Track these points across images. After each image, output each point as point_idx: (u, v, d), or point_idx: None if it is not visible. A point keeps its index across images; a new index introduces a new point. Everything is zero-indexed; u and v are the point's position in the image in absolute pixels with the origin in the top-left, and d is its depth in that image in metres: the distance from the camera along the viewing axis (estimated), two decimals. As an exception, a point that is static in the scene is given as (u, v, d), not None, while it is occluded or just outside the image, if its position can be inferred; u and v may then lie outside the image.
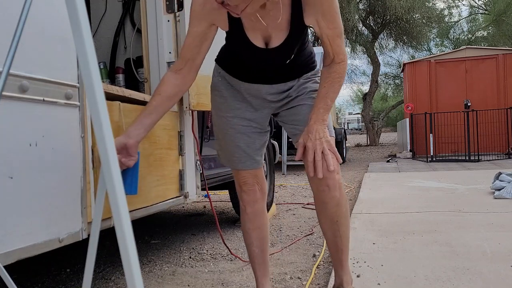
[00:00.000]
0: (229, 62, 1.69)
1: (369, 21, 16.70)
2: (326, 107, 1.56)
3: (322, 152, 1.50)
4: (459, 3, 21.99)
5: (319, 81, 1.66)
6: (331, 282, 1.86)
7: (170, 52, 2.28)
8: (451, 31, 21.19)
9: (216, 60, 1.75)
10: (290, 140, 7.50)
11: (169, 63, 2.27)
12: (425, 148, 9.54)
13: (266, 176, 3.79)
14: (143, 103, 1.96)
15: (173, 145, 2.21)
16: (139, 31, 2.81)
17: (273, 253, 2.66)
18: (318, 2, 1.43)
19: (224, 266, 2.49)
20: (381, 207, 3.92)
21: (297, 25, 1.48)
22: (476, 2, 20.78)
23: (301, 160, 1.62)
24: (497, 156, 9.14)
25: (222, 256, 2.69)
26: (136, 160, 1.50)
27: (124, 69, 2.78)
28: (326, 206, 1.62)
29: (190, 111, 2.35)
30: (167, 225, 3.68)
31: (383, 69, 22.14)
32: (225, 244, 2.46)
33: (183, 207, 4.57)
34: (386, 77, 23.47)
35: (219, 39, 1.60)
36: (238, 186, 1.81)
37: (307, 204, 4.41)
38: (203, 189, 2.50)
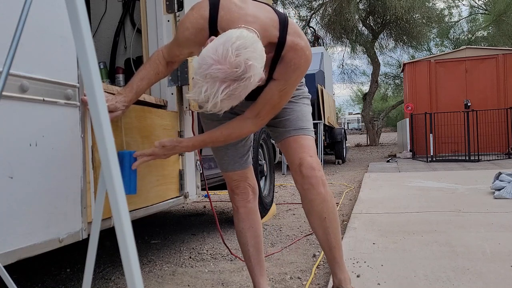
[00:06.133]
0: None
1: (369, 21, 16.70)
2: (203, 146, 1.68)
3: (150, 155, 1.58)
4: (459, 3, 21.93)
5: (299, 87, 1.76)
6: (331, 282, 1.86)
7: (170, 52, 2.28)
8: (451, 31, 21.16)
9: None
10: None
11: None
12: (425, 148, 9.53)
13: (266, 176, 3.79)
14: (143, 103, 1.96)
15: (173, 145, 2.20)
16: (139, 31, 2.82)
17: (273, 253, 2.66)
18: (291, 70, 1.51)
19: (224, 266, 2.49)
20: (381, 207, 3.92)
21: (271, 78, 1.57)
22: (476, 2, 20.77)
23: None
24: (497, 156, 9.13)
25: (222, 256, 2.69)
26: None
27: (124, 69, 2.78)
28: (312, 203, 1.67)
29: (190, 111, 2.35)
30: (167, 225, 3.68)
31: (383, 69, 22.08)
32: (225, 244, 2.46)
33: (183, 207, 4.57)
34: (386, 77, 23.45)
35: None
36: (230, 190, 1.87)
37: (307, 204, 4.40)
38: (203, 189, 2.50)
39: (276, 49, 1.49)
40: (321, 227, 1.70)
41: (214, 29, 1.46)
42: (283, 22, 1.49)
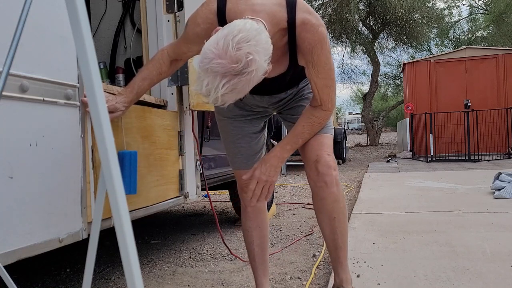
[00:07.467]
0: None
1: (369, 21, 16.69)
2: (295, 146, 1.63)
3: (263, 187, 1.60)
4: (459, 3, 21.94)
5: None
6: (331, 282, 1.86)
7: (170, 52, 2.28)
8: (451, 31, 21.16)
9: None
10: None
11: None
12: (425, 148, 9.54)
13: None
14: (143, 103, 1.96)
15: (173, 145, 2.20)
16: (139, 31, 2.82)
17: (273, 253, 2.66)
18: (309, 52, 1.47)
19: (224, 266, 2.49)
20: (381, 207, 3.92)
21: (295, 63, 1.54)
22: (476, 2, 20.77)
23: (301, 160, 1.70)
24: (497, 156, 9.13)
25: (222, 256, 2.69)
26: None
27: (124, 69, 2.78)
28: (324, 202, 1.66)
29: (190, 111, 2.35)
30: (167, 225, 3.68)
31: (383, 69, 22.06)
32: (225, 244, 2.46)
33: (183, 207, 4.57)
34: (386, 77, 23.44)
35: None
36: (240, 188, 1.85)
37: (307, 204, 4.41)
38: (203, 189, 2.50)
39: (289, 32, 1.45)
40: (330, 226, 1.69)
41: (223, 23, 1.43)
42: (292, 3, 1.45)
